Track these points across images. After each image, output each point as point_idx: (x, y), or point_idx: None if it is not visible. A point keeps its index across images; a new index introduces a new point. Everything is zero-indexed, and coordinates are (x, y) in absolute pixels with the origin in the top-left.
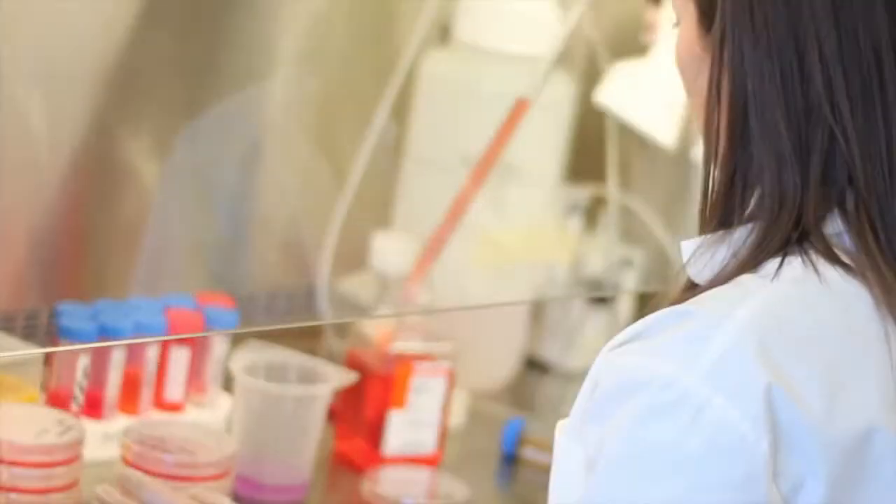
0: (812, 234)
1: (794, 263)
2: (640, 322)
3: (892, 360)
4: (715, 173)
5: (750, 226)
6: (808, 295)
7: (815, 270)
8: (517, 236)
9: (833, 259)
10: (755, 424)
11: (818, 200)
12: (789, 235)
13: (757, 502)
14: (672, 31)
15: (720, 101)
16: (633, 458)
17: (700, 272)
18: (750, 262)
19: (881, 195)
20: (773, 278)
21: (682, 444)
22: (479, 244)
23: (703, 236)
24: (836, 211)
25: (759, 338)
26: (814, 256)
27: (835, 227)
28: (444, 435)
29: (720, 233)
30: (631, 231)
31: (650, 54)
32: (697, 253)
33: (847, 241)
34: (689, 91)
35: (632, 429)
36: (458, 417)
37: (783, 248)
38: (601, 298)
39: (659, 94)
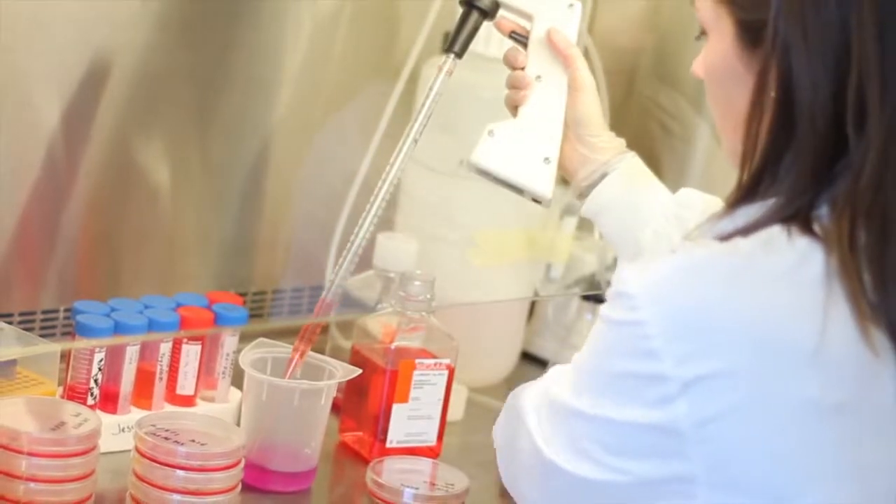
0: (800, 214)
1: (773, 229)
2: None
3: (826, 323)
4: (745, 171)
5: (756, 206)
6: (770, 250)
7: (788, 234)
8: (514, 236)
9: (807, 230)
10: (668, 345)
11: (816, 188)
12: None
13: (657, 402)
14: (705, 46)
15: (763, 110)
16: (596, 328)
17: (702, 236)
18: (747, 231)
19: (891, 201)
20: (748, 236)
21: (615, 325)
22: (477, 244)
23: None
24: (824, 196)
25: (702, 274)
26: (793, 228)
27: (823, 209)
28: (444, 427)
29: (725, 208)
30: None
31: (520, 113)
32: (705, 223)
33: (826, 220)
34: (716, 100)
35: (602, 308)
36: (457, 411)
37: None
38: (596, 296)
39: (534, 151)
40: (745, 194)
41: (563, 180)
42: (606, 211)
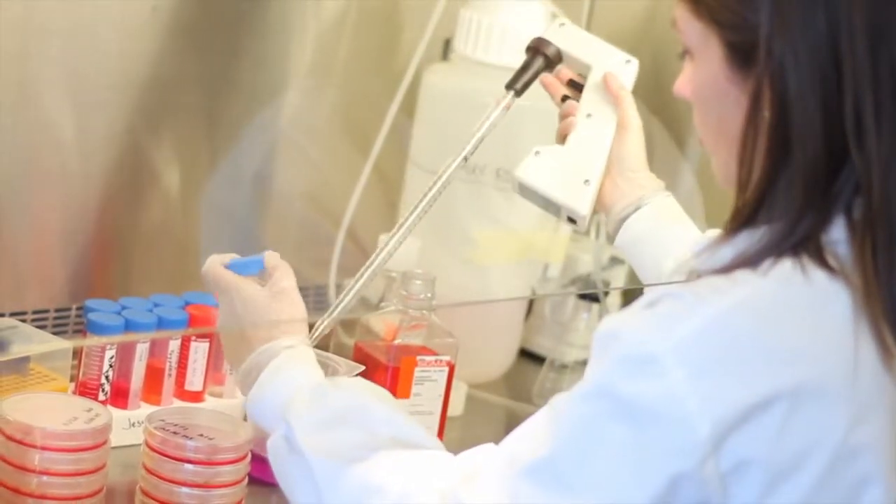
0: (810, 240)
1: (786, 264)
2: (645, 296)
3: (857, 360)
4: (742, 194)
5: (761, 230)
6: (791, 291)
7: (803, 269)
8: (513, 237)
9: (821, 262)
10: (703, 403)
11: (824, 211)
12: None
13: (686, 473)
14: (693, 69)
15: (757, 132)
16: (598, 396)
17: (703, 264)
18: (752, 261)
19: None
20: (763, 275)
21: (636, 399)
22: (477, 244)
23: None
24: (841, 218)
25: (730, 326)
26: (805, 259)
27: (838, 233)
28: (444, 422)
29: (724, 234)
30: None
31: (568, 140)
32: (705, 249)
33: (844, 247)
34: (707, 121)
35: (604, 370)
36: (457, 406)
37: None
38: (592, 295)
39: (575, 173)
40: (744, 220)
41: None
42: (635, 243)
